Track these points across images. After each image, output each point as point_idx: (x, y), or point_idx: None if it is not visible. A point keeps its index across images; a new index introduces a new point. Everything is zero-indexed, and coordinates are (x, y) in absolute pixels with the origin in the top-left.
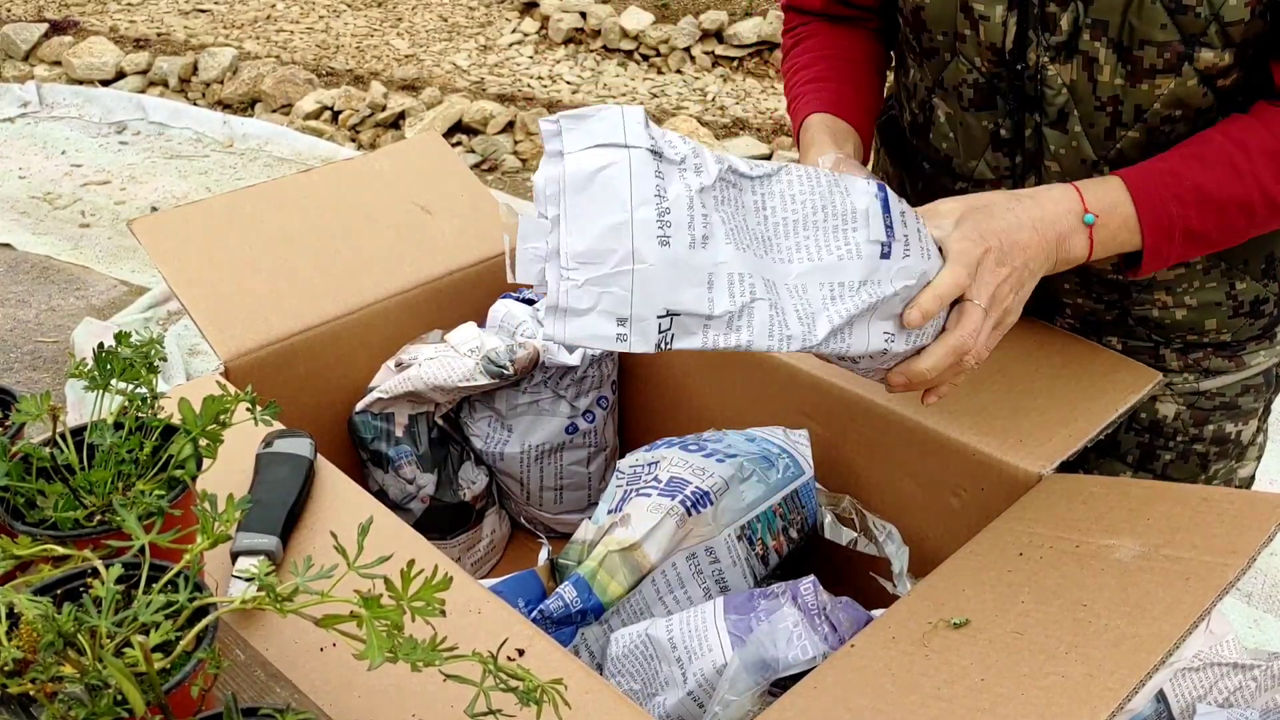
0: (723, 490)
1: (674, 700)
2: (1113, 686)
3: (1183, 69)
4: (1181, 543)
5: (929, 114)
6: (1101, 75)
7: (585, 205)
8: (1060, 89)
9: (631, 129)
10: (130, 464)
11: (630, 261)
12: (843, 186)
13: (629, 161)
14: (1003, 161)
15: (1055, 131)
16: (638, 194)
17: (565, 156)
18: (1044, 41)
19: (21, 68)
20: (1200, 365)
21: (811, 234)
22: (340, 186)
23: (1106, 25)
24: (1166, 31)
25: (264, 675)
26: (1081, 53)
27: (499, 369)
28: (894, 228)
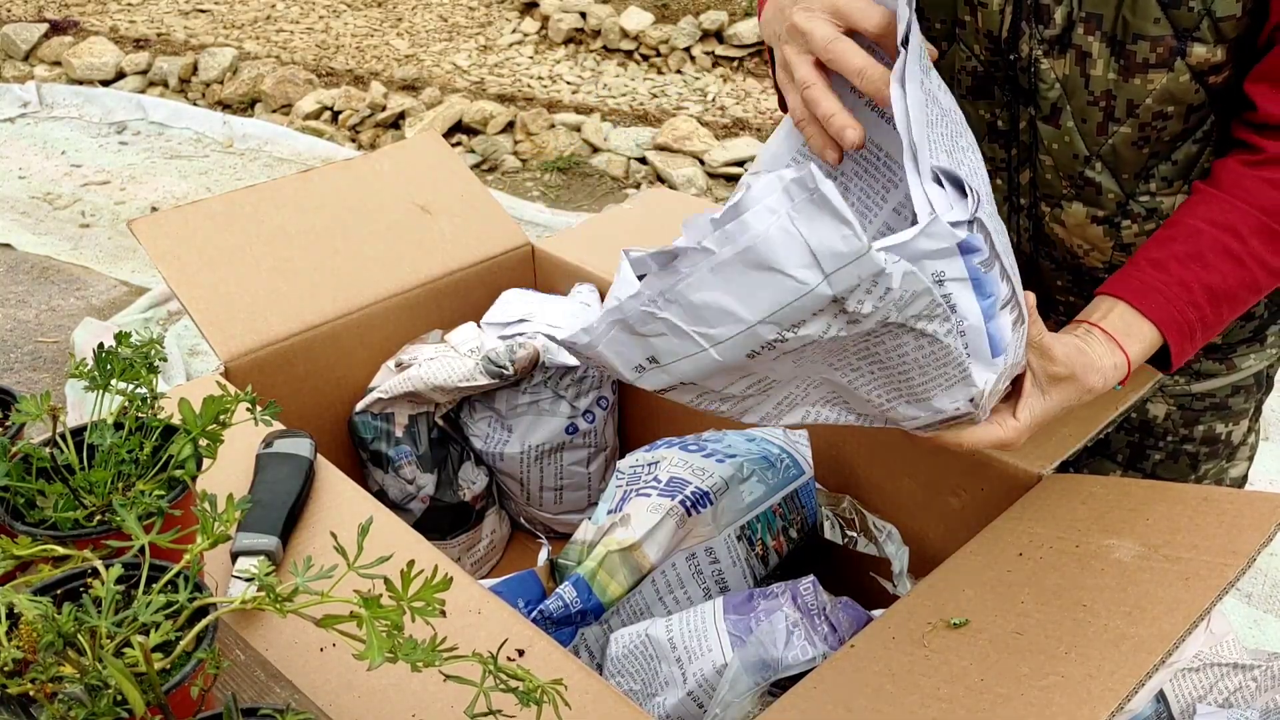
0: (722, 490)
1: (674, 700)
2: (1112, 687)
3: (1175, 64)
4: (1181, 543)
5: None
6: (1094, 70)
7: (739, 279)
8: (1053, 83)
9: (846, 273)
10: (130, 464)
11: (709, 346)
12: (964, 370)
13: (807, 293)
14: (999, 153)
15: (1049, 126)
16: (781, 315)
17: (784, 219)
18: (1037, 34)
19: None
20: (1191, 368)
21: (879, 377)
22: (340, 186)
23: (1100, 19)
24: (1159, 26)
25: (264, 675)
26: (1075, 47)
27: (499, 369)
28: (981, 401)
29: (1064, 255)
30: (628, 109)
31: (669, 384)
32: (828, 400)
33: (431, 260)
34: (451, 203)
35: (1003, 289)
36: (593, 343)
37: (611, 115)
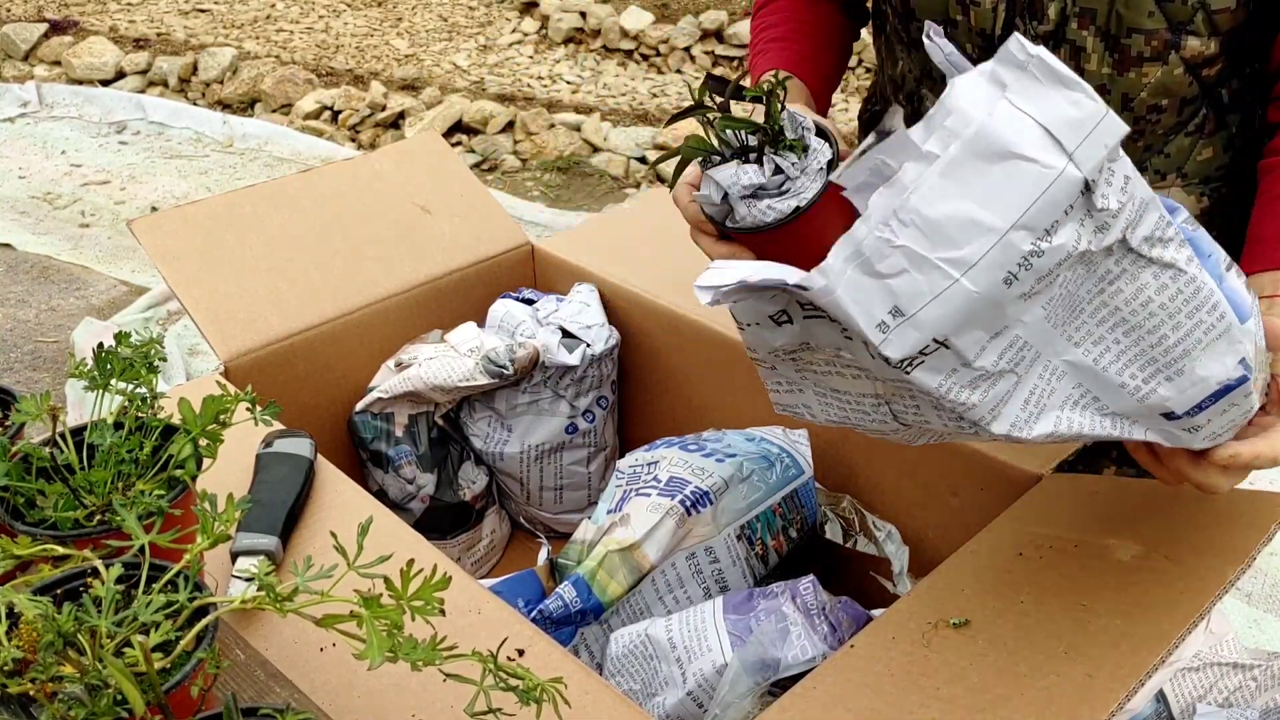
0: (722, 490)
1: (673, 700)
2: (1112, 686)
3: (1169, 58)
4: (1181, 542)
5: (917, 105)
6: (1089, 64)
7: (976, 179)
8: None
9: (1090, 146)
10: (130, 464)
11: (959, 275)
12: (1220, 314)
13: (1055, 179)
14: None
15: None
16: (1032, 216)
17: (1003, 103)
18: (1031, 30)
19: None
20: None
21: (1125, 344)
22: (340, 186)
23: (1094, 14)
24: (1154, 19)
25: (264, 675)
26: (1069, 41)
27: (499, 369)
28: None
29: None
30: (627, 109)
31: (921, 344)
32: (1078, 401)
33: (431, 260)
34: (452, 203)
35: (1220, 251)
36: (829, 286)
37: (611, 115)
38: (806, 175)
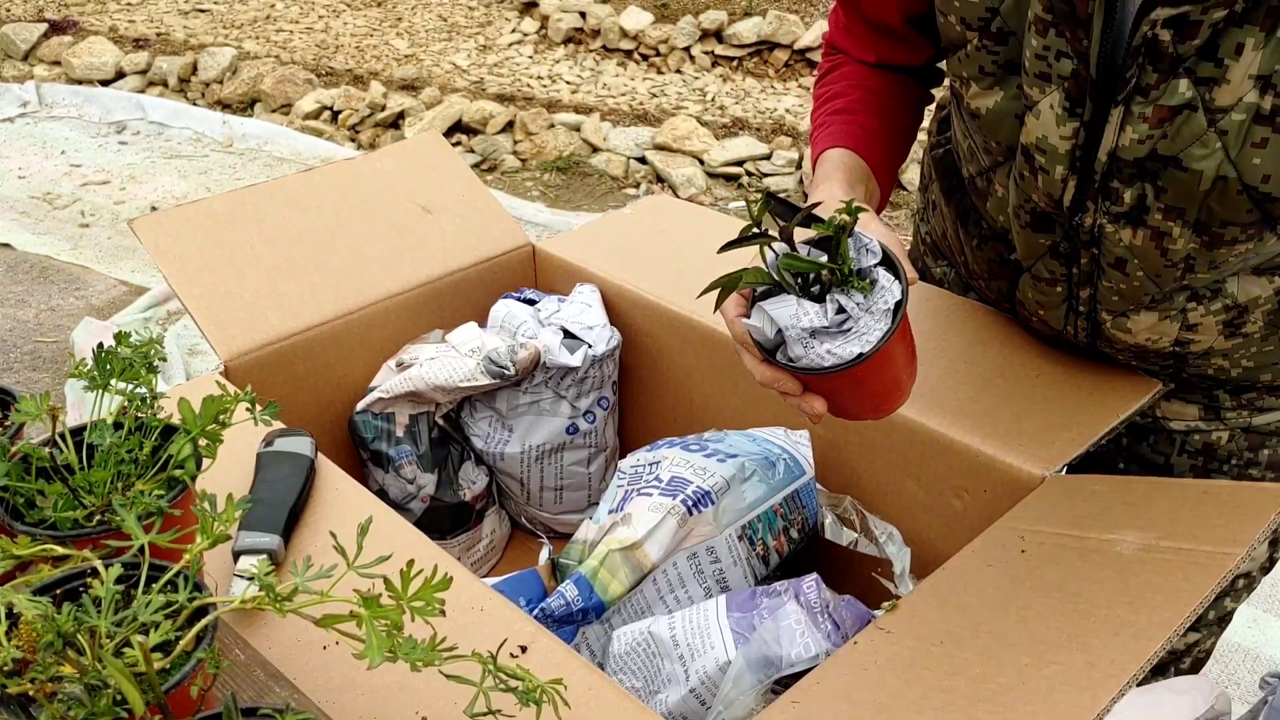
0: (724, 490)
1: (676, 698)
2: (1113, 674)
3: (1264, 236)
4: (1182, 534)
5: (988, 185)
6: (1174, 245)
7: None
8: (1119, 244)
9: None
10: (130, 464)
11: None
12: None
13: None
14: (1059, 269)
15: (1115, 271)
16: None
17: None
18: (1104, 209)
19: (21, 68)
20: (1254, 404)
21: None
22: (341, 186)
23: (1183, 211)
24: (1252, 214)
25: (264, 675)
26: (1150, 227)
27: (500, 369)
28: None
29: (1127, 346)
30: (627, 109)
31: None
32: None
33: (432, 260)
34: (452, 202)
35: None
36: None
37: (611, 115)
38: (871, 315)
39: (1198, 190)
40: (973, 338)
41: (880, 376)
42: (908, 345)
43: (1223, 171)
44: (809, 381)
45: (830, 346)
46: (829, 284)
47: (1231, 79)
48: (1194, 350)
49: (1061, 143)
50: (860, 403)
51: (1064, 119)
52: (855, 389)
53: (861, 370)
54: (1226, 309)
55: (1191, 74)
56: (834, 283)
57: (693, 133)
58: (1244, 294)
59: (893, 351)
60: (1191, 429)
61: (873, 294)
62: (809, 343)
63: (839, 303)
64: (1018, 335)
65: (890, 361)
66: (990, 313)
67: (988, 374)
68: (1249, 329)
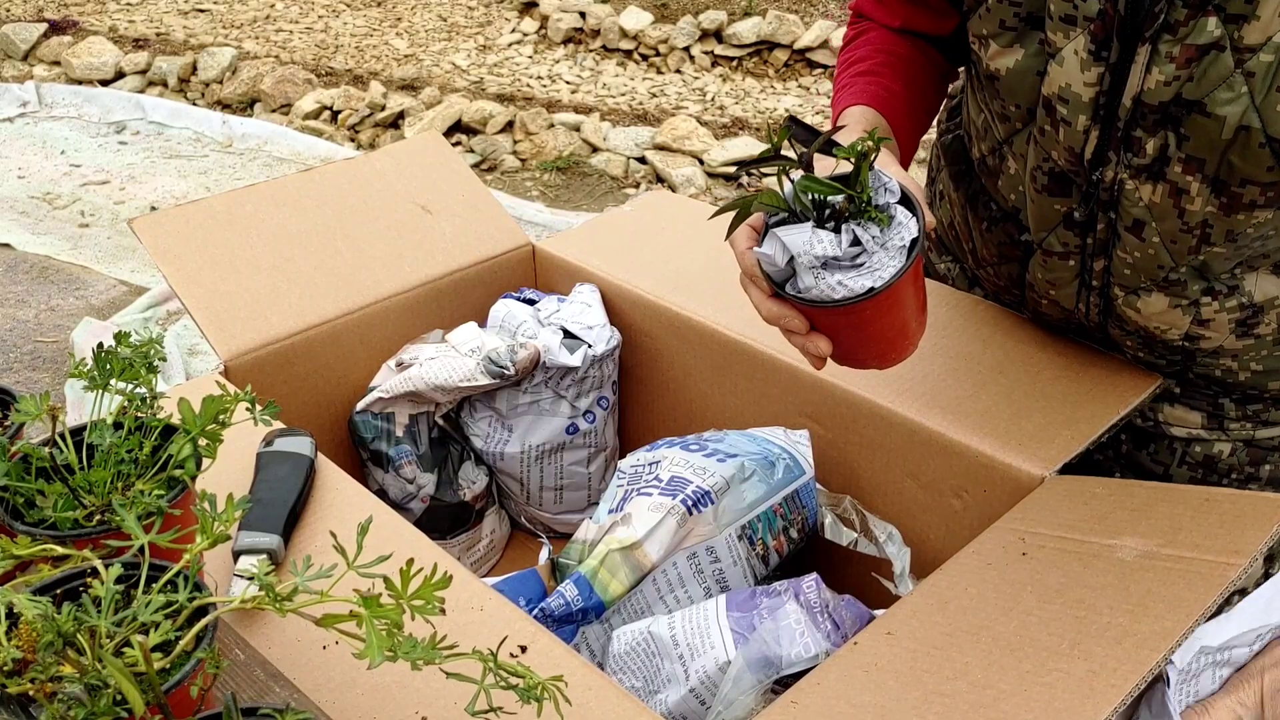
0: (723, 490)
1: (676, 697)
2: (1115, 683)
3: None
4: (1183, 542)
5: (1000, 161)
6: (1191, 204)
7: None
8: (1138, 203)
9: None
10: (130, 464)
11: None
12: None
13: None
14: (1073, 240)
15: (1131, 237)
16: None
17: None
18: (1125, 161)
19: (21, 68)
20: (1259, 416)
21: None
22: (340, 186)
23: (1203, 163)
24: (1273, 173)
25: (264, 675)
26: (1169, 182)
27: (500, 369)
28: None
29: (1136, 329)
30: (627, 109)
31: None
32: None
33: (432, 260)
34: (452, 202)
35: None
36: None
37: (611, 115)
38: (886, 251)
39: (1220, 139)
40: (973, 335)
41: (889, 317)
42: (919, 289)
43: (1246, 120)
44: (816, 318)
45: (842, 278)
46: (845, 214)
47: (1262, 15)
48: (1203, 347)
49: (1085, 90)
50: (866, 346)
51: (1089, 63)
52: (862, 329)
53: (872, 306)
54: (1241, 307)
55: (1221, 10)
56: (850, 213)
57: (692, 133)
58: (1261, 293)
59: (904, 292)
60: (1193, 437)
61: (889, 229)
62: (820, 273)
63: (854, 233)
64: (1017, 331)
65: (900, 302)
66: (990, 308)
67: (987, 372)
68: (1262, 330)
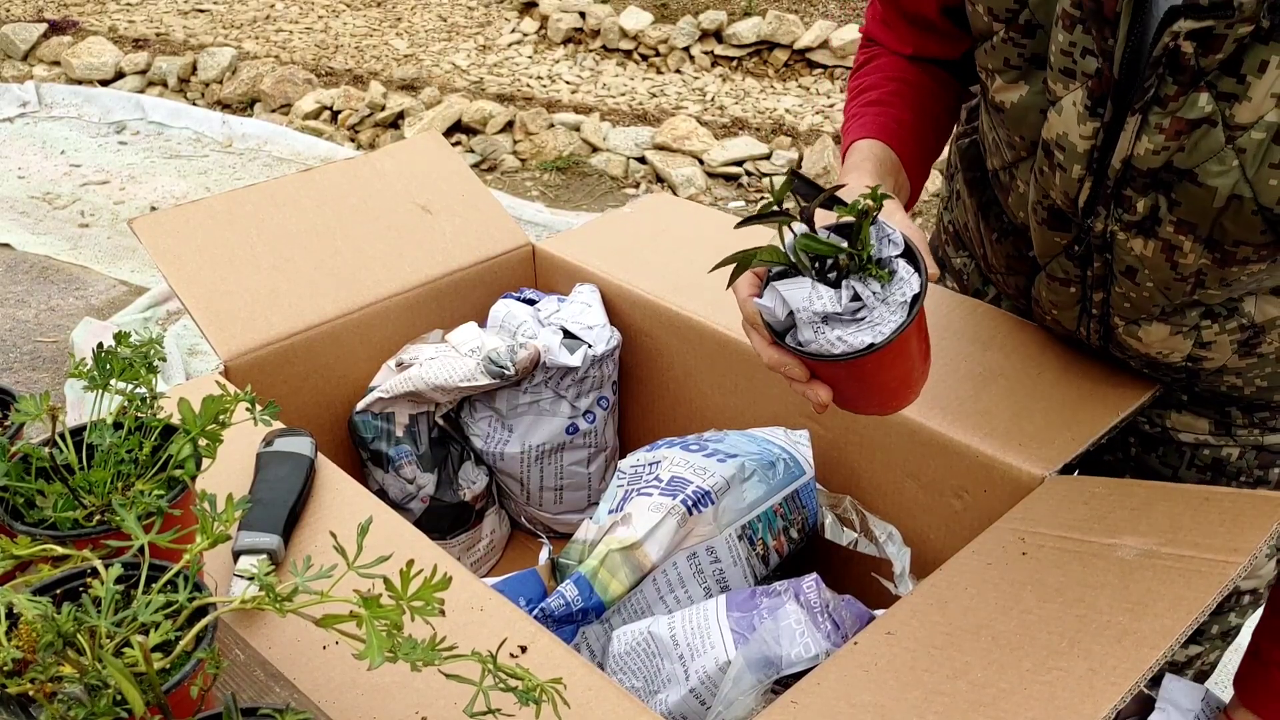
0: (724, 490)
1: (676, 697)
2: (1115, 681)
3: (1278, 258)
4: (1183, 541)
5: (1010, 179)
6: (1184, 259)
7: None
8: (1130, 253)
9: None
10: (130, 464)
11: None
12: None
13: None
14: (1073, 270)
15: (1126, 280)
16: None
17: None
18: (1116, 216)
19: (20, 68)
20: (1266, 424)
21: None
22: (340, 186)
23: (1195, 226)
24: (1266, 236)
25: (264, 675)
26: (1161, 239)
27: (500, 369)
28: None
29: (1138, 354)
30: (627, 109)
31: None
32: None
33: (432, 260)
34: (453, 202)
35: None
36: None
37: (610, 115)
38: (887, 306)
39: (1211, 206)
40: (973, 336)
41: (890, 370)
42: (922, 341)
43: (1238, 190)
44: (816, 368)
45: (842, 333)
46: (846, 270)
47: (1253, 96)
48: (1206, 367)
49: (1081, 141)
50: (867, 396)
51: (1085, 118)
52: (863, 381)
53: (872, 361)
54: (1242, 329)
55: (1213, 88)
56: (851, 269)
57: (692, 133)
58: (1261, 314)
59: (906, 346)
60: (1201, 442)
61: (891, 285)
62: (820, 328)
63: (855, 290)
64: (1019, 334)
65: (902, 356)
66: (992, 312)
67: (988, 373)
68: (1265, 349)
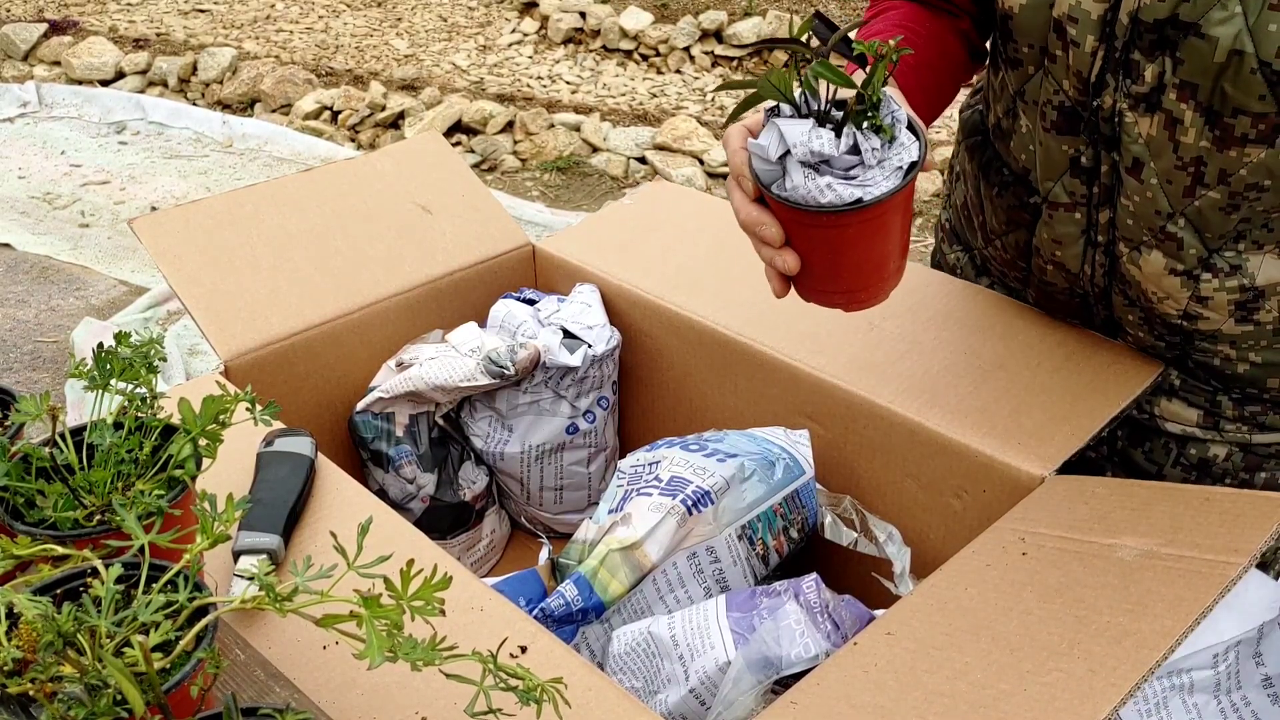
0: (723, 490)
1: (676, 698)
2: (1115, 683)
3: (1277, 141)
4: (1184, 541)
5: (1014, 120)
6: (1185, 136)
7: None
8: (1137, 138)
9: None
10: (130, 464)
11: None
12: None
13: None
14: (1079, 189)
15: (1131, 178)
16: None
17: None
18: (1124, 87)
19: (21, 68)
20: (1256, 419)
21: None
22: (340, 186)
23: (1196, 89)
24: (1264, 103)
25: (264, 675)
26: (1165, 110)
27: (500, 369)
28: None
29: (1138, 295)
30: (627, 109)
31: None
32: None
33: (432, 260)
34: (452, 202)
35: None
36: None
37: (611, 115)
38: (881, 168)
39: (1213, 63)
40: (973, 326)
41: (871, 241)
42: (906, 224)
43: (1239, 44)
44: (794, 228)
45: (832, 182)
46: (851, 114)
47: None
48: (1201, 328)
49: (1095, 6)
50: (840, 272)
51: None
52: (841, 250)
53: (856, 221)
54: (1242, 289)
55: None
56: (856, 115)
57: (693, 133)
58: (1265, 277)
59: (891, 216)
60: (1188, 435)
61: (890, 147)
62: (810, 172)
63: (855, 139)
64: (1018, 321)
65: (885, 228)
66: (990, 297)
67: (987, 366)
68: (1262, 317)
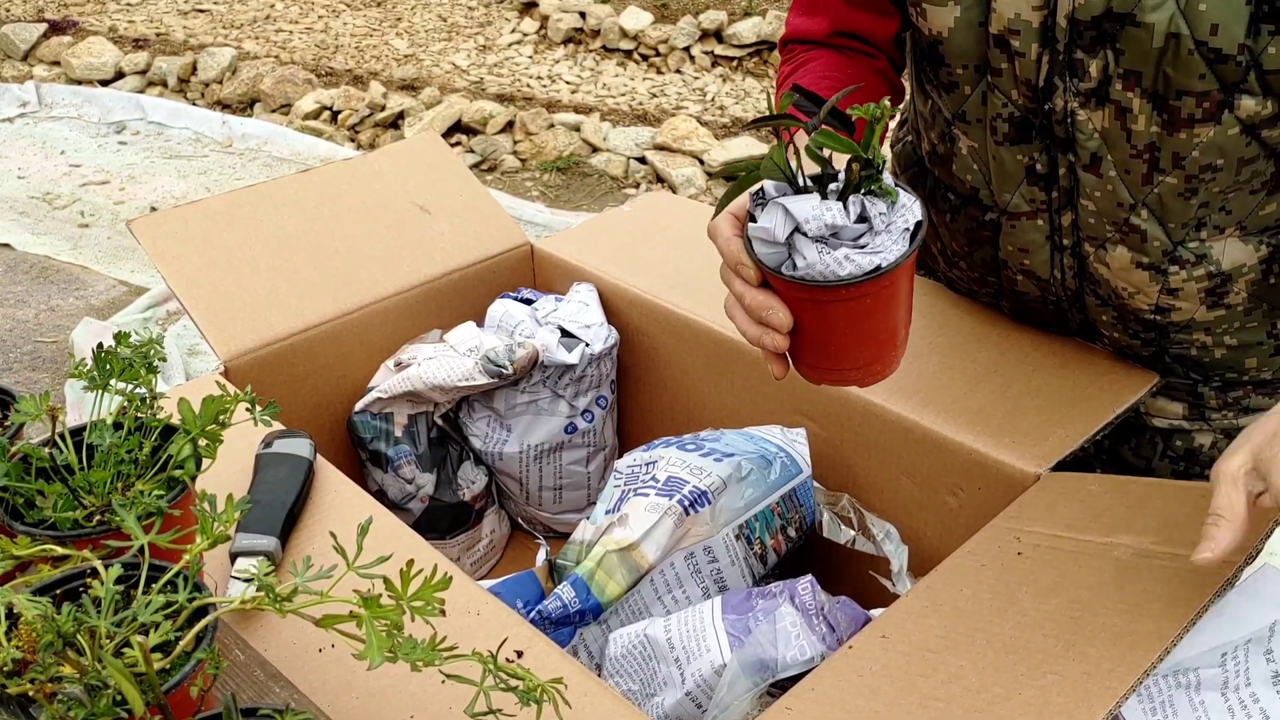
0: (721, 489)
1: (672, 701)
2: (1111, 686)
3: (1222, 117)
4: (1180, 540)
5: (951, 144)
6: (1136, 125)
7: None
8: (1092, 134)
9: None
10: (130, 464)
11: None
12: None
13: None
14: (1038, 195)
15: (1089, 175)
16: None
17: None
18: (1072, 87)
19: (20, 68)
20: (1240, 403)
21: None
22: (340, 186)
23: (1140, 76)
24: (1204, 81)
25: (263, 675)
26: (1114, 102)
27: (498, 369)
28: None
29: (1109, 294)
30: (627, 109)
31: None
32: None
33: (431, 260)
34: (451, 203)
35: None
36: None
37: (611, 115)
38: (889, 233)
39: (1152, 48)
40: (968, 331)
41: (885, 311)
42: (911, 291)
43: (1174, 27)
44: (804, 310)
45: (850, 253)
46: (853, 183)
47: None
48: (1174, 320)
49: (1034, 15)
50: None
51: None
52: (858, 322)
53: (874, 291)
54: (1210, 276)
55: None
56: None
57: (693, 133)
58: (1229, 260)
59: (903, 281)
60: (1175, 428)
61: (894, 210)
62: (824, 249)
63: (863, 206)
64: (1011, 329)
65: (897, 296)
66: (985, 308)
67: (982, 369)
68: (1231, 300)
